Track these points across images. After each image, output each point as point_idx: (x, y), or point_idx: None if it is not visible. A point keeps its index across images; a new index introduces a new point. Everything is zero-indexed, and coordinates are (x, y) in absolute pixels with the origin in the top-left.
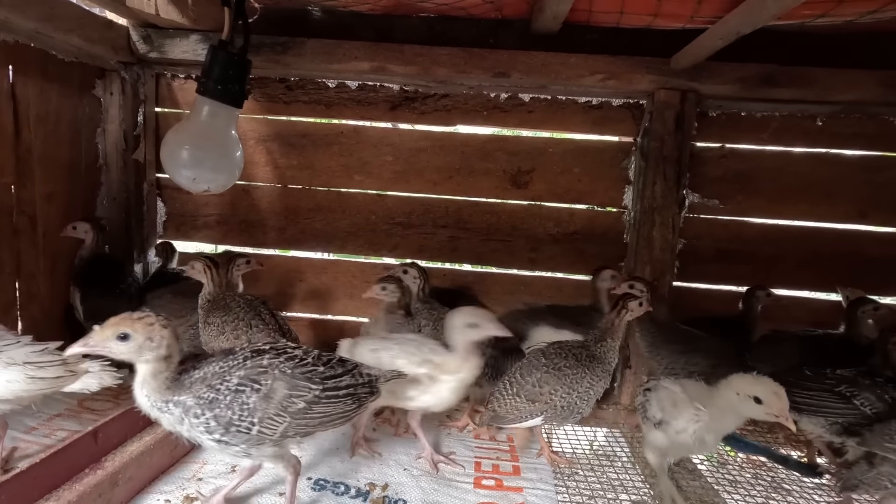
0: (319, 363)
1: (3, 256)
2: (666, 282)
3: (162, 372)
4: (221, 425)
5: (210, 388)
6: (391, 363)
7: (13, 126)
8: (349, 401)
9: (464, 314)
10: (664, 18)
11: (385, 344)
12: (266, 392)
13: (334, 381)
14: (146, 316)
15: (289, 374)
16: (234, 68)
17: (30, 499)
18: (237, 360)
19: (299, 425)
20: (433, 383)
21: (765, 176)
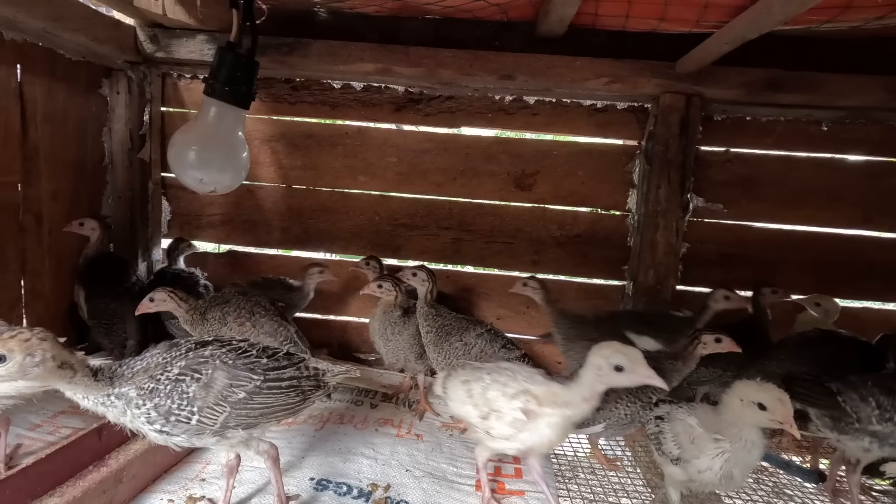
0: (264, 355)
1: (8, 254)
2: (669, 285)
3: (73, 377)
4: (161, 415)
5: (151, 379)
6: (483, 396)
7: (20, 125)
8: (292, 393)
9: (613, 352)
10: (670, 23)
11: (476, 374)
12: (206, 381)
13: (276, 373)
14: (20, 332)
15: (230, 364)
16: (242, 70)
17: (34, 494)
18: (180, 351)
19: (240, 416)
20: (531, 419)
21: (769, 180)
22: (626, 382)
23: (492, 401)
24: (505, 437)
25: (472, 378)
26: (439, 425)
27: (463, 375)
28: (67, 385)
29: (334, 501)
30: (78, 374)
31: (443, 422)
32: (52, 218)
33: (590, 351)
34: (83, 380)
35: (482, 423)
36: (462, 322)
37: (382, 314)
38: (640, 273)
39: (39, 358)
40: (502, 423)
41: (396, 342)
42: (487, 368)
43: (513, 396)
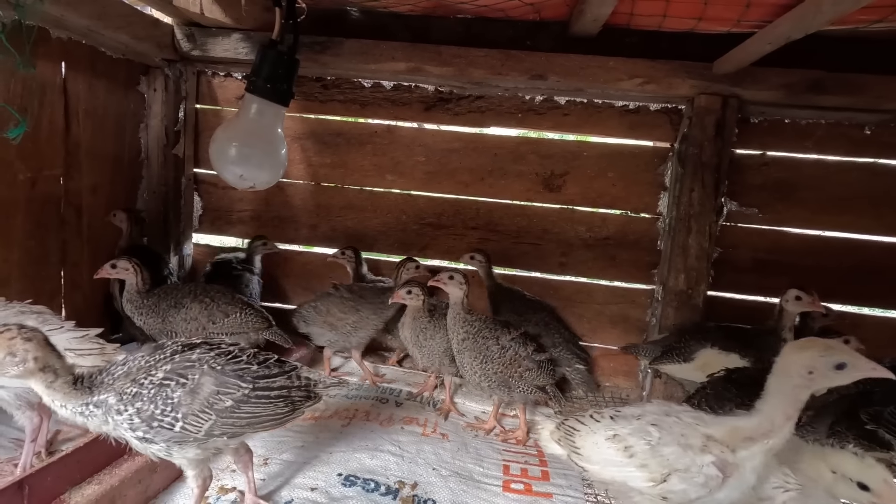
0: (254, 362)
1: (50, 245)
2: (700, 290)
3: (53, 381)
4: (144, 420)
5: (134, 383)
6: (654, 454)
7: (64, 120)
8: (281, 403)
9: (827, 349)
10: (708, 22)
11: (628, 425)
12: (192, 387)
13: (266, 382)
14: (6, 330)
15: (218, 370)
16: (283, 67)
17: (73, 482)
18: (165, 354)
19: (226, 424)
20: (729, 472)
21: (807, 185)
22: (846, 380)
23: (671, 459)
24: (692, 500)
25: (624, 431)
26: (464, 425)
27: (604, 428)
28: (45, 390)
29: (363, 497)
30: (59, 379)
31: (467, 422)
32: (91, 211)
33: (784, 353)
34: (63, 386)
35: (655, 488)
36: (495, 324)
37: (412, 321)
38: (671, 277)
39: (20, 358)
40: (691, 484)
41: (430, 346)
42: (633, 414)
43: (702, 449)
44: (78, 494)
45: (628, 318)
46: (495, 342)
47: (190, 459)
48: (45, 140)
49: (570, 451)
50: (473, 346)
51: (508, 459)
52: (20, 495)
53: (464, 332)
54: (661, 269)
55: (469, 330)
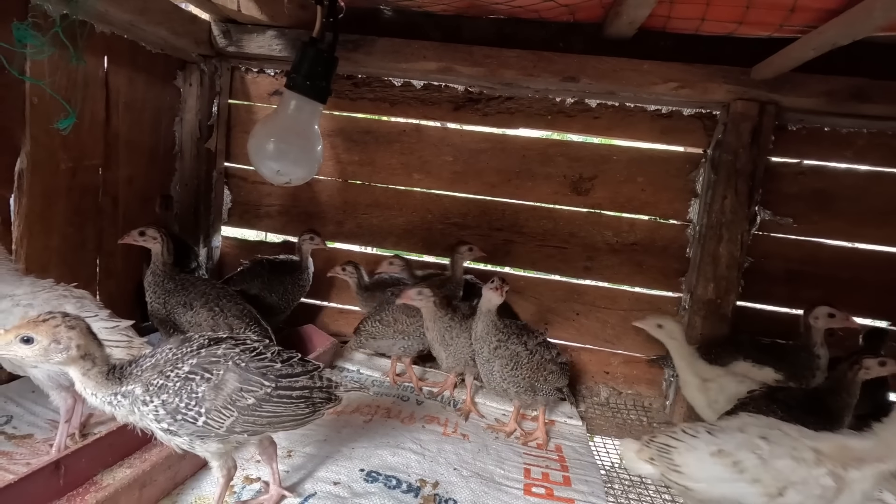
0: (278, 359)
1: (87, 234)
2: (730, 300)
3: (90, 369)
4: (169, 413)
5: (161, 375)
6: (767, 468)
7: (104, 112)
8: (302, 404)
9: None
10: (749, 27)
11: (732, 440)
12: (216, 382)
13: (289, 381)
14: (51, 317)
15: (242, 366)
16: (323, 65)
17: (106, 464)
18: (192, 348)
19: (247, 422)
20: (840, 487)
21: (846, 196)
22: None
23: (786, 472)
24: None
25: (730, 446)
26: (484, 427)
27: (705, 444)
28: (81, 377)
29: (385, 494)
30: (95, 368)
31: (488, 424)
32: (126, 201)
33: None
34: (97, 375)
35: (771, 503)
36: (520, 328)
37: (433, 323)
38: (699, 286)
39: (64, 345)
40: (808, 496)
41: (457, 345)
42: (734, 427)
43: (816, 462)
44: (110, 476)
45: None
46: (524, 347)
47: (213, 452)
48: (86, 131)
49: (667, 470)
50: (505, 353)
51: (529, 463)
52: (57, 474)
53: (496, 341)
54: (689, 276)
55: (501, 338)
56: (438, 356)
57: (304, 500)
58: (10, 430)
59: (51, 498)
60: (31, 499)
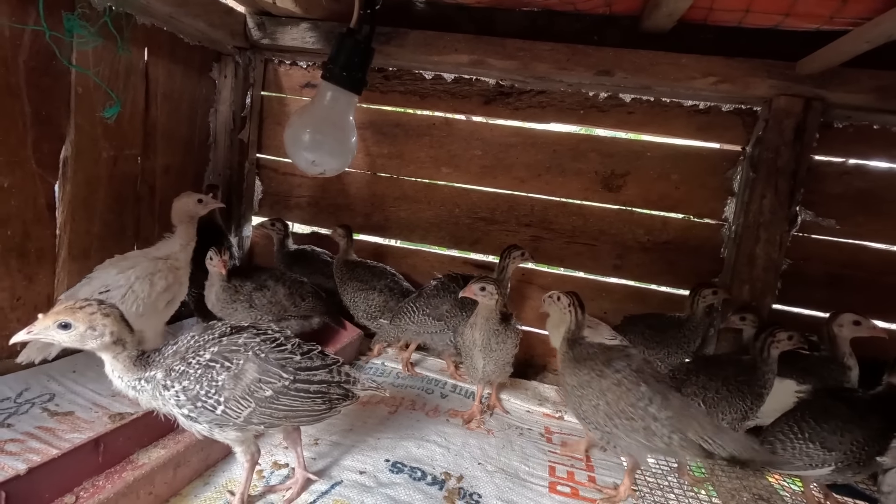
0: (297, 352)
1: (126, 221)
2: (766, 304)
3: (120, 353)
4: (189, 399)
5: (182, 361)
6: None
7: (144, 103)
8: (319, 400)
9: None
10: (797, 18)
11: None
12: (236, 372)
13: (307, 374)
14: (88, 305)
15: (262, 357)
16: (360, 56)
17: (142, 443)
18: (214, 336)
19: (264, 414)
20: None
21: (893, 197)
22: None
23: None
24: None
25: None
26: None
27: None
28: (111, 360)
29: (410, 485)
30: (125, 352)
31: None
32: (163, 190)
33: None
34: (125, 360)
35: None
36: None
37: (485, 321)
38: (734, 287)
39: (99, 332)
40: None
41: (500, 353)
42: None
43: None
44: (145, 456)
45: None
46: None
47: (232, 440)
48: (127, 121)
49: None
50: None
51: (554, 461)
52: (96, 452)
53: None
54: (723, 277)
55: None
56: (473, 361)
57: (331, 487)
58: (53, 408)
59: (90, 474)
60: (73, 474)
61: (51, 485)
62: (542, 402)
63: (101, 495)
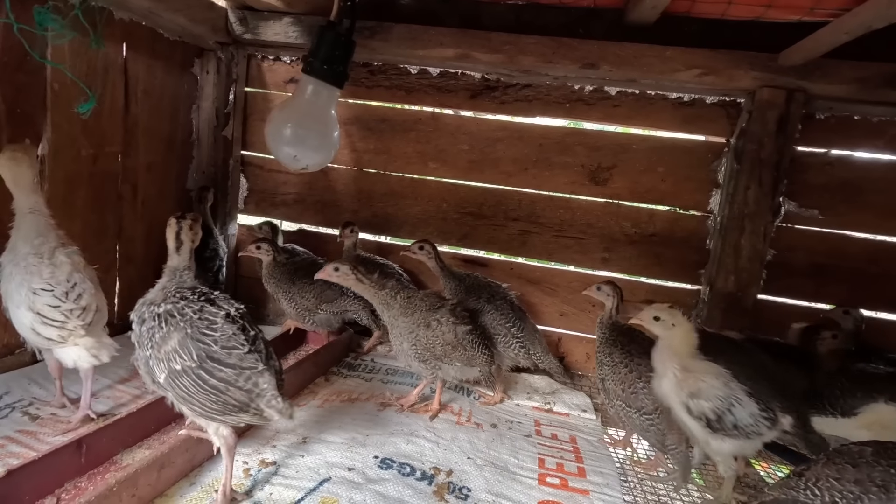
0: (225, 340)
1: (107, 220)
2: (751, 293)
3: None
4: (138, 339)
5: (149, 305)
6: None
7: (123, 99)
8: (213, 397)
9: None
10: (778, 10)
11: None
12: (164, 335)
13: (212, 366)
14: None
15: (188, 332)
16: (341, 49)
17: (126, 444)
18: (171, 291)
19: (171, 384)
20: None
21: (876, 187)
22: None
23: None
24: None
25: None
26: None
27: None
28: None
29: (398, 481)
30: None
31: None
32: (146, 188)
33: None
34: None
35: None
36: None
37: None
38: (719, 278)
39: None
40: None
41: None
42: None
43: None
44: (129, 457)
45: None
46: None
47: (188, 414)
48: (106, 118)
49: None
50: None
51: (544, 453)
52: (78, 453)
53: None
54: (709, 269)
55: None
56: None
57: (319, 484)
58: (34, 411)
59: (72, 475)
60: (54, 475)
61: (31, 487)
62: (532, 396)
63: (83, 497)
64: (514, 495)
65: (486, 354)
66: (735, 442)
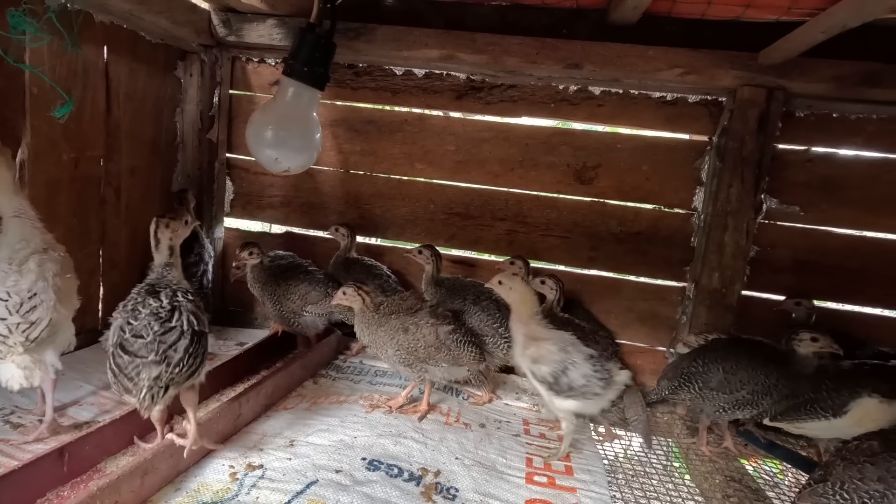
0: (139, 327)
1: (90, 224)
2: (735, 290)
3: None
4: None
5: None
6: None
7: (105, 103)
8: (111, 374)
9: None
10: (757, 10)
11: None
12: (121, 311)
13: (118, 351)
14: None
15: (125, 316)
16: (321, 51)
17: (109, 451)
18: (157, 286)
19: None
20: None
21: (855, 184)
22: None
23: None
24: None
25: None
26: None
27: None
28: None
29: (386, 482)
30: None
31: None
32: (129, 192)
33: None
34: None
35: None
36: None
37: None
38: (704, 275)
39: None
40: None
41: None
42: None
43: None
44: (113, 464)
45: (657, 316)
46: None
47: None
48: (87, 122)
49: None
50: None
51: (531, 452)
52: (61, 461)
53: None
54: (693, 266)
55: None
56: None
57: (306, 487)
58: (15, 420)
59: (55, 484)
60: (36, 485)
61: (12, 497)
62: (521, 396)
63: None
64: (502, 494)
65: (473, 353)
66: (574, 401)
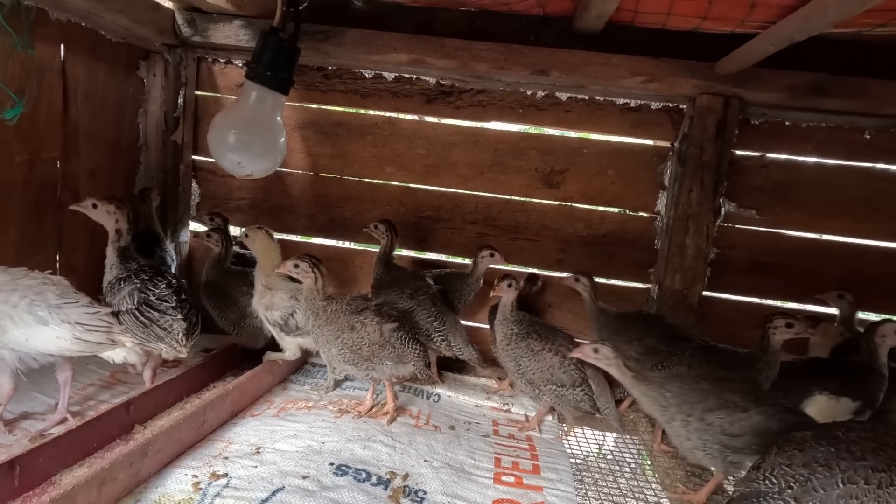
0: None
1: (47, 229)
2: (696, 291)
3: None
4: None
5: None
6: None
7: (62, 103)
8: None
9: None
10: (713, 21)
11: None
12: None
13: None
14: None
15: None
16: (284, 55)
17: (65, 464)
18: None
19: None
20: None
21: (806, 188)
22: None
23: None
24: None
25: None
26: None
27: None
28: None
29: (354, 487)
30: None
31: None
32: (88, 195)
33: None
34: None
35: None
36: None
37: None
38: (667, 277)
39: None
40: None
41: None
42: None
43: None
44: (69, 476)
45: None
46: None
47: None
48: (43, 122)
49: None
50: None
51: (500, 452)
52: (11, 475)
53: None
54: (657, 268)
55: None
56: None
57: (272, 494)
58: None
59: (4, 500)
60: None
61: None
62: (490, 397)
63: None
64: (470, 495)
65: (417, 350)
66: (298, 339)
